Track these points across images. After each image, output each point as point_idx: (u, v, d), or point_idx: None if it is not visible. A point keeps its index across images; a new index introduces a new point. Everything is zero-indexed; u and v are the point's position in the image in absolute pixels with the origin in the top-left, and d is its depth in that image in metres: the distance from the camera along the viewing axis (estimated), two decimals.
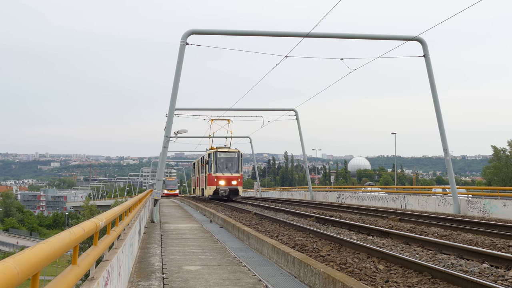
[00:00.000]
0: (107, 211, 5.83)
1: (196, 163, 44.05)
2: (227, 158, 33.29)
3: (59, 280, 3.19)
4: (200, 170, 38.67)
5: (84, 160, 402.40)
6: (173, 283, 7.23)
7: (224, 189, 32.58)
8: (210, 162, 33.05)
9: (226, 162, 33.15)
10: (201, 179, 37.82)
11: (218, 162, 32.95)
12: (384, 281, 6.68)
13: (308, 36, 19.77)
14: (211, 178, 32.94)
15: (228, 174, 32.84)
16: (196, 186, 43.33)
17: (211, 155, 33.17)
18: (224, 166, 33.09)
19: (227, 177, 32.80)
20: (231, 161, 33.32)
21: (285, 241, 11.07)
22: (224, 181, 32.60)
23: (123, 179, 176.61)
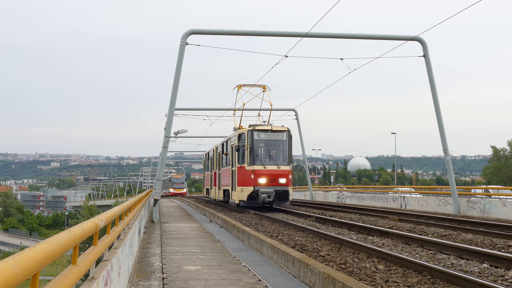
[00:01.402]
0: (107, 211, 5.83)
1: (212, 153, 31.02)
2: (271, 142, 21.40)
3: (59, 280, 3.19)
4: (220, 163, 26.65)
5: (84, 160, 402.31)
6: (173, 283, 7.23)
7: (267, 191, 20.25)
8: (242, 148, 21.10)
9: (269, 148, 21.31)
10: (223, 176, 25.58)
11: (257, 147, 21.09)
12: (384, 281, 6.68)
13: (307, 36, 19.77)
14: (244, 174, 21.00)
15: (273, 167, 20.70)
16: (212, 186, 30.67)
17: (244, 137, 21.06)
18: (266, 154, 21.19)
19: (271, 172, 20.65)
20: (276, 146, 21.35)
21: (285, 241, 11.07)
22: (266, 179, 20.56)
23: (123, 179, 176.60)
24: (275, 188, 20.44)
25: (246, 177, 20.71)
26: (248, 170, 20.63)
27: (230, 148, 23.13)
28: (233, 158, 22.24)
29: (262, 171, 20.48)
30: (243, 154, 20.97)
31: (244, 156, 20.88)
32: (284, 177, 20.58)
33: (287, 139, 21.11)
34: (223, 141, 26.08)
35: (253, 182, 20.40)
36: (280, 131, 21.21)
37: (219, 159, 26.98)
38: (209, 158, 32.39)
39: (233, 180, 22.23)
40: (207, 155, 34.22)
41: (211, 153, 31.40)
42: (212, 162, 30.37)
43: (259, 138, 20.97)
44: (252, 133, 20.83)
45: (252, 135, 20.81)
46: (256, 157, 20.71)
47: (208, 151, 33.46)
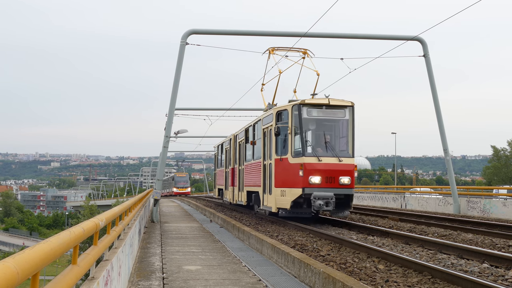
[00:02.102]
0: (107, 211, 5.83)
1: (228, 144, 24.04)
2: (329, 122, 15.00)
3: (59, 280, 3.19)
4: (242, 155, 20.15)
5: (84, 160, 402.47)
6: (173, 283, 7.23)
7: (324, 195, 13.76)
8: (284, 132, 14.68)
9: (325, 131, 14.79)
10: (247, 173, 18.87)
11: (308, 131, 14.87)
12: (384, 281, 6.68)
13: (307, 36, 19.77)
14: (286, 169, 14.53)
15: (332, 159, 14.27)
16: (228, 186, 23.81)
17: (288, 116, 14.68)
18: (321, 140, 14.74)
19: (329, 168, 14.22)
20: (336, 128, 15.00)
21: (285, 240, 11.07)
22: (322, 177, 14.05)
23: (123, 179, 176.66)
24: (335, 190, 13.72)
25: (290, 174, 14.11)
26: (294, 164, 14.02)
27: (261, 134, 16.41)
28: (266, 147, 15.74)
29: (316, 165, 13.85)
30: (285, 141, 14.52)
31: (287, 144, 14.35)
32: (347, 174, 13.99)
33: (350, 119, 14.54)
34: (247, 125, 19.18)
35: (301, 181, 13.72)
36: (342, 106, 14.46)
37: (241, 150, 20.44)
38: (224, 151, 25.39)
39: (267, 178, 15.62)
40: (220, 147, 27.17)
41: (226, 144, 24.74)
42: (228, 155, 23.73)
43: (311, 117, 14.42)
44: (300, 109, 14.10)
45: (300, 113, 14.12)
46: (306, 144, 14.18)
47: (222, 143, 26.51)
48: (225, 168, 24.78)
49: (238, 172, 20.82)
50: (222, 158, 26.62)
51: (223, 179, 25.64)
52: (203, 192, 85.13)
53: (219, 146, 28.01)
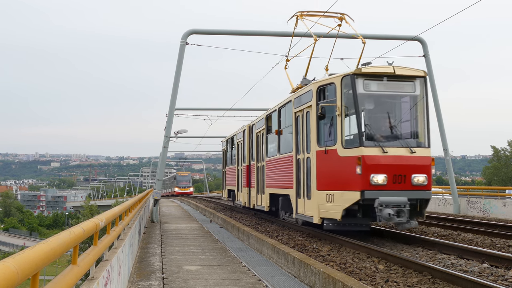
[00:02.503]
0: (107, 211, 5.83)
1: (241, 137, 20.45)
2: (393, 100, 10.99)
3: (59, 280, 3.19)
4: (262, 149, 16.66)
5: (84, 160, 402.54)
6: (173, 283, 7.23)
7: (394, 200, 9.76)
8: (331, 112, 10.73)
9: (389, 111, 10.81)
10: (269, 171, 15.53)
11: (364, 110, 10.70)
12: (384, 281, 6.68)
13: (307, 36, 19.77)
14: (335, 164, 10.62)
15: (401, 150, 10.26)
16: (241, 186, 20.38)
17: (335, 90, 10.69)
18: (384, 123, 10.75)
19: (399, 162, 10.16)
20: (400, 107, 11.04)
21: (285, 241, 11.07)
22: (386, 174, 9.97)
23: (123, 179, 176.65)
24: (409, 194, 10.06)
25: (342, 171, 10.39)
26: (347, 158, 10.22)
27: (291, 119, 12.85)
28: (301, 136, 12.09)
29: (380, 159, 10.01)
30: (332, 126, 10.75)
31: (335, 130, 10.53)
32: (423, 171, 10.26)
33: (423, 94, 10.84)
34: (269, 111, 15.64)
35: (359, 181, 9.90)
36: (411, 77, 10.69)
37: (260, 143, 16.86)
38: (236, 146, 21.61)
39: (303, 177, 11.94)
40: (230, 142, 23.27)
41: (238, 137, 20.88)
42: (242, 150, 20.00)
43: (370, 92, 10.49)
44: (353, 81, 10.31)
45: (354, 86, 10.31)
46: (365, 130, 10.30)
47: (233, 136, 22.45)
48: (238, 165, 21.01)
49: (256, 170, 17.18)
50: (233, 154, 22.67)
51: (234, 178, 21.94)
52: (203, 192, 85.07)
53: (229, 140, 23.76)
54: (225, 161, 25.65)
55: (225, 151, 25.46)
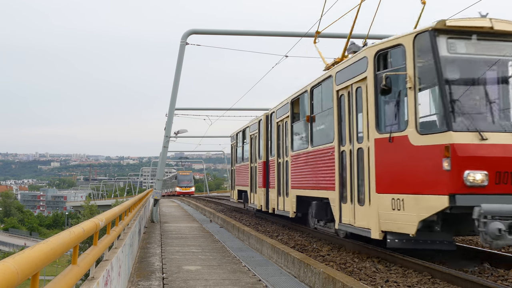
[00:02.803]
0: (107, 211, 5.83)
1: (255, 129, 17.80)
2: (490, 66, 7.67)
3: (59, 280, 3.19)
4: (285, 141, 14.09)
5: (84, 160, 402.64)
6: (173, 283, 7.24)
7: (507, 207, 6.65)
8: (398, 86, 7.85)
9: (486, 81, 7.70)
10: (301, 168, 12.21)
11: (450, 80, 7.45)
12: (384, 281, 6.68)
13: (307, 36, 19.78)
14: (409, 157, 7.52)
15: (507, 136, 7.15)
16: (255, 187, 17.62)
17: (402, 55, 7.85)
18: (480, 99, 7.58)
19: (506, 153, 7.04)
20: (501, 76, 7.90)
21: (285, 241, 11.07)
22: (488, 171, 6.91)
23: (123, 179, 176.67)
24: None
25: (417, 166, 7.58)
26: (426, 148, 7.45)
27: (331, 101, 10.25)
28: (346, 121, 9.52)
29: (478, 149, 7.13)
30: (399, 104, 8.13)
31: (403, 109, 8.01)
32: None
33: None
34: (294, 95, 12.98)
35: (447, 181, 7.05)
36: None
37: (282, 134, 14.12)
38: (248, 140, 18.79)
39: (350, 175, 9.30)
40: (241, 135, 20.58)
41: (252, 129, 18.07)
42: (256, 144, 17.21)
43: (458, 55, 7.71)
44: (434, 40, 7.54)
45: (435, 47, 7.52)
46: (454, 107, 7.39)
47: (244, 128, 19.81)
48: (251, 162, 18.12)
49: (277, 168, 14.34)
50: (244, 150, 19.99)
51: (246, 177, 18.89)
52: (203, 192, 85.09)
53: (239, 134, 21.01)
54: (234, 158, 22.53)
55: (234, 146, 22.42)
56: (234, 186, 22.27)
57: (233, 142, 22.60)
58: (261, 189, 16.22)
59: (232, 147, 23.03)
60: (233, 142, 22.72)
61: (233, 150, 22.79)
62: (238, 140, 21.42)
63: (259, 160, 16.82)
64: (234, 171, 22.15)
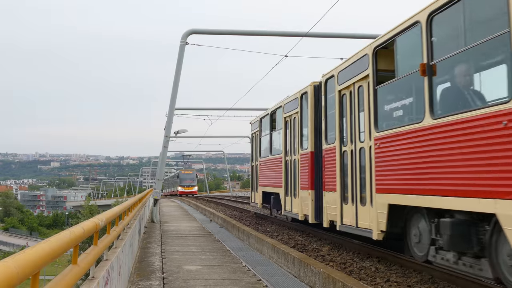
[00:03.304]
0: (107, 211, 5.83)
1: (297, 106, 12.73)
2: None
3: (59, 280, 3.19)
4: (366, 116, 8.46)
5: (84, 160, 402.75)
6: (173, 282, 7.23)
7: None
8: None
9: None
10: (416, 158, 6.77)
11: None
12: (384, 281, 6.68)
13: (308, 36, 19.77)
14: None
15: None
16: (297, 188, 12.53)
17: None
18: None
19: None
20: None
21: (285, 240, 11.07)
22: None
23: (123, 179, 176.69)
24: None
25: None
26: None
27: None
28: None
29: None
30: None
31: None
32: None
33: None
34: (395, 32, 7.70)
35: None
36: None
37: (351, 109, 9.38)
38: (281, 124, 14.27)
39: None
40: (268, 120, 16.00)
41: (289, 108, 13.55)
42: (298, 128, 12.86)
43: None
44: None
45: None
46: None
47: (274, 109, 15.19)
48: (287, 154, 13.63)
49: (340, 160, 9.79)
50: (273, 139, 15.37)
51: (277, 175, 14.29)
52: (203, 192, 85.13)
53: (265, 119, 16.27)
54: (256, 151, 17.65)
55: (257, 136, 17.55)
56: (256, 186, 17.41)
57: (255, 130, 17.76)
58: (306, 192, 11.65)
59: (253, 137, 18.50)
60: (255, 131, 17.95)
61: (255, 141, 18.05)
62: (263, 127, 16.47)
63: (301, 150, 12.26)
64: (257, 168, 17.37)
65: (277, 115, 14.81)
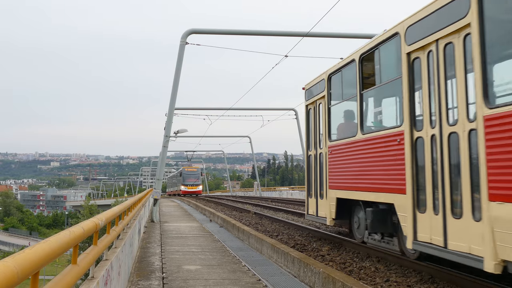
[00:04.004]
0: (106, 211, 5.82)
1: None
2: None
3: (59, 280, 3.19)
4: None
5: (83, 160, 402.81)
6: (173, 282, 7.24)
7: None
8: None
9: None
10: None
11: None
12: (383, 281, 6.68)
13: (308, 36, 19.78)
14: None
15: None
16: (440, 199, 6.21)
17: None
18: None
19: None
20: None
21: (284, 240, 11.07)
22: None
23: (123, 179, 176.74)
24: None
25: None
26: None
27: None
28: None
29: None
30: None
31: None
32: None
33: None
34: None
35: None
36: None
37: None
38: (403, 64, 7.07)
39: None
40: (355, 71, 8.85)
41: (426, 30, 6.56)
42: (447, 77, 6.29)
43: None
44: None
45: None
46: None
47: (377, 45, 8.11)
48: (420, 126, 6.76)
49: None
50: (367, 105, 8.97)
51: (391, 169, 7.54)
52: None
53: (345, 71, 9.64)
54: (317, 131, 11.13)
55: (318, 106, 10.99)
56: (319, 188, 10.84)
57: (316, 97, 11.00)
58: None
59: (309, 110, 11.55)
60: (314, 99, 11.12)
61: (314, 116, 11.23)
62: (336, 89, 10.07)
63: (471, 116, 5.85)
64: (321, 158, 10.75)
65: (382, 56, 8.18)
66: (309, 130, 11.70)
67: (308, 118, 11.71)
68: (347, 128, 9.56)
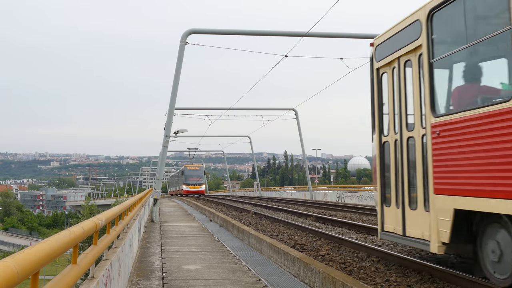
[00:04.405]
0: (106, 211, 5.83)
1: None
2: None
3: (59, 280, 3.19)
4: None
5: (83, 160, 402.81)
6: (172, 282, 7.24)
7: None
8: None
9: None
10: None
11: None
12: (383, 281, 6.68)
13: (308, 36, 19.78)
14: None
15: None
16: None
17: None
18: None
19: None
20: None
21: (284, 240, 11.07)
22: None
23: (123, 179, 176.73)
24: None
25: None
26: None
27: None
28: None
29: None
30: None
31: None
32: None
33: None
34: None
35: None
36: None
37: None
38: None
39: None
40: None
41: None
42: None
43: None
44: None
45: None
46: None
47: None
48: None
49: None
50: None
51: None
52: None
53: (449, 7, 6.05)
54: (403, 104, 7.25)
55: (410, 66, 7.04)
56: (417, 194, 6.84)
57: (403, 50, 7.12)
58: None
59: (383, 75, 7.98)
60: (397, 54, 7.30)
61: (396, 82, 7.49)
62: (438, 35, 6.47)
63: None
64: (417, 144, 6.84)
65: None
66: (381, 106, 8.01)
67: (380, 87, 7.98)
68: (480, 92, 6.16)
